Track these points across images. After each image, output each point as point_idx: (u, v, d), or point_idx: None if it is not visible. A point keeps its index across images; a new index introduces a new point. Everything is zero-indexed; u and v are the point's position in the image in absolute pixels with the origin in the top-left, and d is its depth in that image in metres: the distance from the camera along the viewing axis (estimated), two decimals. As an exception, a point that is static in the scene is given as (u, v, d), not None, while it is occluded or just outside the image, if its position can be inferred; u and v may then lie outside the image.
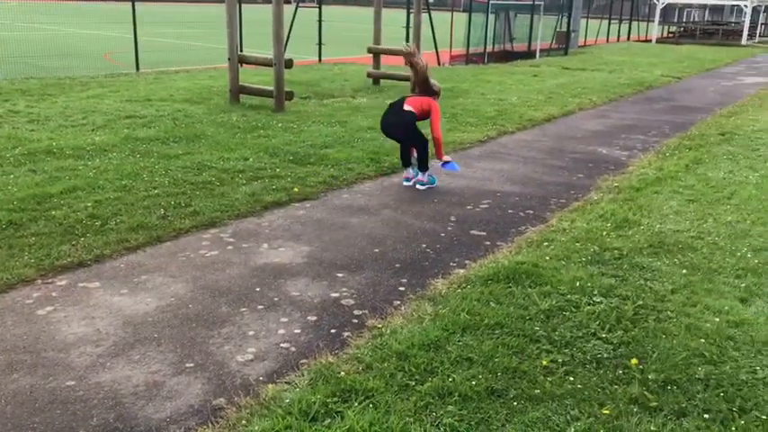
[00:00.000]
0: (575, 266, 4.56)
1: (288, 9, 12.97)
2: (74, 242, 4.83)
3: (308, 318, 3.90)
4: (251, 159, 7.26)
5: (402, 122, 6.54)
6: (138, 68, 15.13)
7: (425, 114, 6.56)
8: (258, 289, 4.27)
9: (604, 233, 5.23)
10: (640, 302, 4.05)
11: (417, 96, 6.65)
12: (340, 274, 4.54)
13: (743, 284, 4.35)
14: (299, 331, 3.74)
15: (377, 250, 5.00)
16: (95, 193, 5.90)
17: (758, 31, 37.80)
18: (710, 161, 7.81)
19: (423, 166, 6.72)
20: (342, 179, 6.78)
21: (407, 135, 6.66)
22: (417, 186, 6.69)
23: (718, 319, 3.84)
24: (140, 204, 5.66)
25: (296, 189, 6.32)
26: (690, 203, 6.09)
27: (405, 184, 6.80)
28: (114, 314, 3.87)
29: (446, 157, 6.79)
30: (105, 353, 3.46)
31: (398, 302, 4.12)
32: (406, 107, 6.50)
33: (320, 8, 19.21)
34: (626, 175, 7.30)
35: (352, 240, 5.19)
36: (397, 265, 4.72)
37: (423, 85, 6.65)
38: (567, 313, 3.89)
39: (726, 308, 3.98)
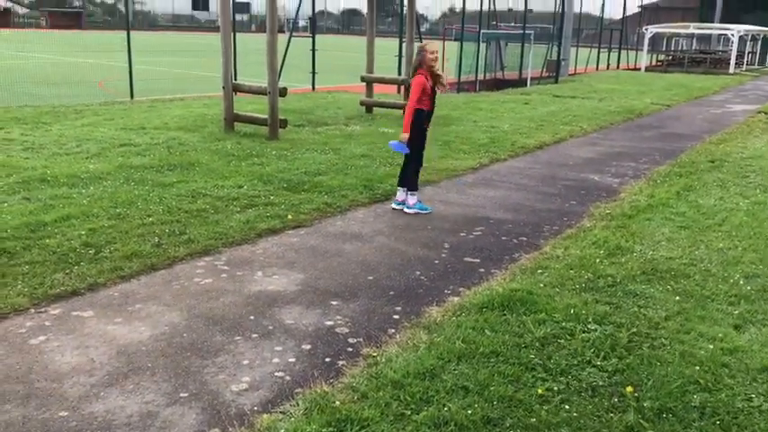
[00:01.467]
0: (569, 294, 4.58)
1: (282, 38, 13.09)
2: (67, 271, 4.81)
3: (303, 346, 3.90)
4: (245, 187, 7.28)
5: None
6: (132, 96, 15.19)
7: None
8: (252, 317, 4.26)
9: (598, 260, 5.25)
10: (634, 330, 4.06)
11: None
12: (334, 302, 4.53)
13: (736, 311, 4.38)
14: (293, 360, 3.73)
15: (371, 278, 5.00)
16: (89, 221, 5.90)
17: (745, 60, 38.27)
18: (701, 188, 7.88)
19: (406, 183, 6.74)
20: (335, 206, 6.80)
21: None
22: (405, 210, 6.72)
23: (712, 347, 3.85)
24: (135, 232, 5.66)
25: (290, 216, 6.33)
26: (681, 230, 6.13)
27: (393, 206, 6.83)
28: (108, 343, 3.85)
29: (404, 137, 6.49)
30: (99, 383, 3.44)
31: (393, 330, 4.12)
32: None
33: (314, 37, 19.40)
34: (618, 202, 7.35)
35: (345, 268, 5.19)
36: (392, 293, 4.73)
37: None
38: (562, 341, 3.90)
39: (720, 335, 4.00)
